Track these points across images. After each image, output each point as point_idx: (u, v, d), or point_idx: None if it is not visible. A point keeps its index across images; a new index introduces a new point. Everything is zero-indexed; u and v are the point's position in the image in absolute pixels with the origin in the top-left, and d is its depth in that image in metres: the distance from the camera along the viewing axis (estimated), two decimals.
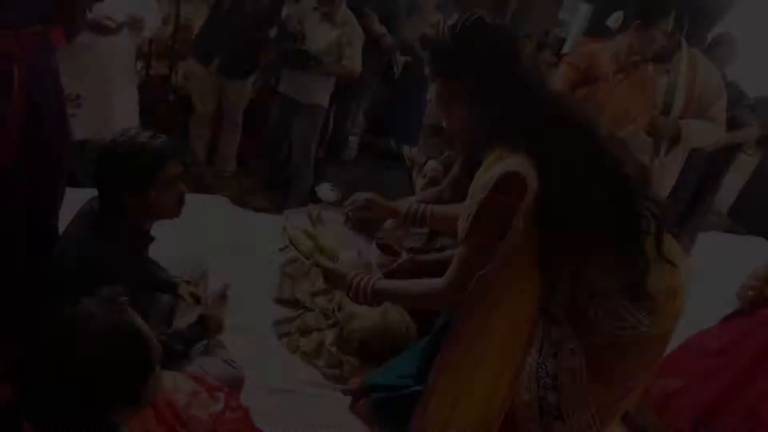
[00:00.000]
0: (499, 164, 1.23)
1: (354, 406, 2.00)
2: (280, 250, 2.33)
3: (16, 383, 1.05)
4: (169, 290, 2.05)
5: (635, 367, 1.39)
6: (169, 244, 2.50)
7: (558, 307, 1.32)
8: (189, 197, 1.79)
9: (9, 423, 1.05)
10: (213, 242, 2.69)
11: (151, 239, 1.79)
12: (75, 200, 1.88)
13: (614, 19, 4.10)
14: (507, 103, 1.27)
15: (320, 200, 3.41)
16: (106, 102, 3.01)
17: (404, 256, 1.96)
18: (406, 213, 1.93)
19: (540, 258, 1.20)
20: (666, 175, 2.99)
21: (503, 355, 1.30)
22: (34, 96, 1.55)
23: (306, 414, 1.94)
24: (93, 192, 1.72)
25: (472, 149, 1.43)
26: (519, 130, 1.25)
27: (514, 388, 1.37)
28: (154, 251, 1.91)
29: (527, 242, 1.19)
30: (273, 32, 3.95)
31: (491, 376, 1.30)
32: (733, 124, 3.43)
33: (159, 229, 1.83)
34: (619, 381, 1.40)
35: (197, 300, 1.98)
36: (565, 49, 6.36)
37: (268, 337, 2.23)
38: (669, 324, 1.38)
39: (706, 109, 2.97)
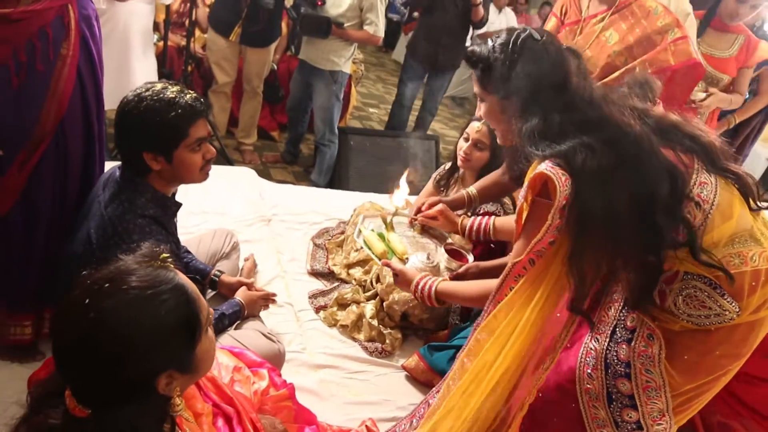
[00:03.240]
0: (533, 170, 1.26)
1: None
2: (356, 251, 2.40)
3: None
4: (201, 278, 1.95)
5: (720, 355, 1.25)
6: (198, 214, 2.44)
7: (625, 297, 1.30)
8: (214, 168, 1.66)
9: (55, 390, 0.95)
10: (242, 214, 2.60)
11: (179, 205, 1.67)
12: None
13: None
14: (551, 116, 1.27)
15: None
16: (125, 71, 2.88)
17: (471, 260, 2.01)
18: (470, 227, 2.02)
19: (569, 255, 1.20)
20: None
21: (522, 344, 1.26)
22: (86, 37, 1.55)
23: (349, 390, 1.86)
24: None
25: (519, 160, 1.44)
26: (555, 139, 1.25)
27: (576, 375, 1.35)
28: (183, 221, 1.81)
29: (563, 240, 1.21)
30: None
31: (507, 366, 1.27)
32: None
33: (188, 198, 1.73)
34: (702, 371, 1.27)
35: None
36: None
37: (304, 310, 2.13)
38: (762, 310, 1.23)
39: None
